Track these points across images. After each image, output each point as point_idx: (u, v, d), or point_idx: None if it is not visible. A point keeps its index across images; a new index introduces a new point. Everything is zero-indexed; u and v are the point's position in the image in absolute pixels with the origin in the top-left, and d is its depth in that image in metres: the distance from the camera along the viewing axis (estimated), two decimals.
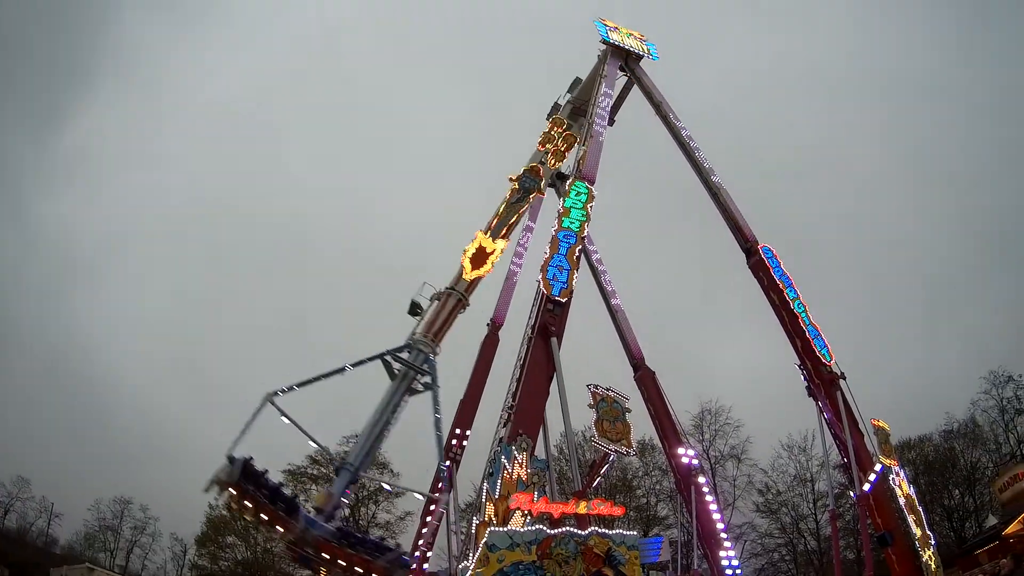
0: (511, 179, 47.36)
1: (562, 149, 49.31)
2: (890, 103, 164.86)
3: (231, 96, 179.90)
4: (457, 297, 45.15)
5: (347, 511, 42.90)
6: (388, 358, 43.30)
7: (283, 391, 39.84)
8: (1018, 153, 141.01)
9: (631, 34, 51.29)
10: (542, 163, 48.58)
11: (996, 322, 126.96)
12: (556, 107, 55.22)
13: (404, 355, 43.35)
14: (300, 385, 40.60)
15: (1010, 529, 48.18)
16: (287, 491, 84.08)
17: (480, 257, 44.91)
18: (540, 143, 48.83)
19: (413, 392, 43.83)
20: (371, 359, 42.80)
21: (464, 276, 44.86)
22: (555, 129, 48.24)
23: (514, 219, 47.02)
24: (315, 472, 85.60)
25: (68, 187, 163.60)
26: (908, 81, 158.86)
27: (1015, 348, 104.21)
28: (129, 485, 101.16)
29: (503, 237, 46.13)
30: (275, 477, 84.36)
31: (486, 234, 45.65)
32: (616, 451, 37.23)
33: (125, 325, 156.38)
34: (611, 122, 50.47)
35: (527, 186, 47.27)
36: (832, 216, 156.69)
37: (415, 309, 45.22)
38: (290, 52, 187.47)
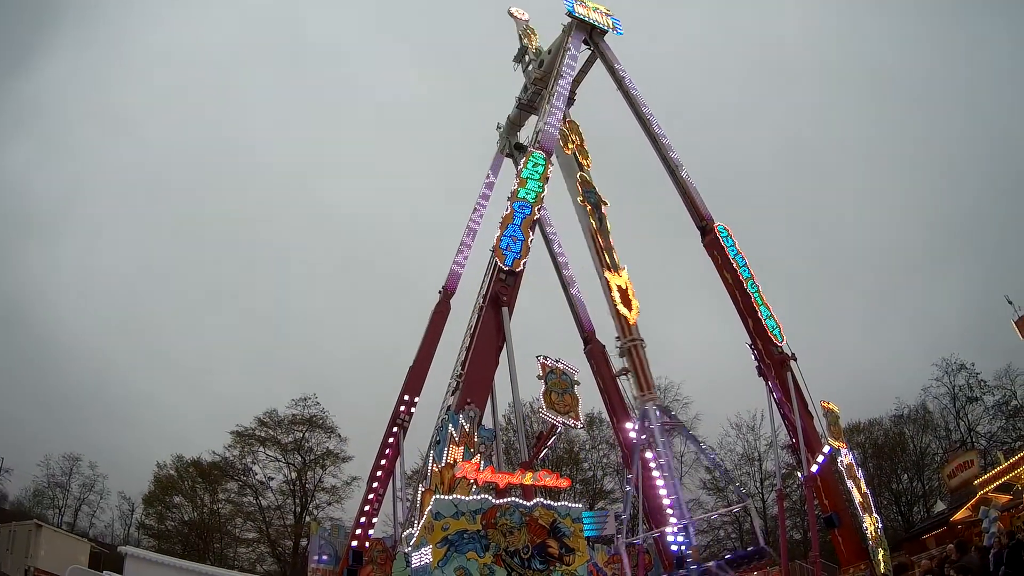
0: (580, 201, 47.10)
1: (579, 143, 49.63)
2: (847, 90, 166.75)
3: (191, 57, 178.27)
4: (640, 343, 44.32)
5: None
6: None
7: None
8: (975, 143, 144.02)
9: (597, 8, 51.12)
10: (580, 167, 48.24)
11: (948, 310, 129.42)
12: (535, 92, 54.87)
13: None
14: None
15: (958, 516, 48.99)
16: (235, 452, 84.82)
17: (625, 298, 44.23)
18: (564, 144, 48.40)
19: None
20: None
21: (630, 322, 43.87)
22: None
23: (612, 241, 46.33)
24: (263, 434, 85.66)
25: (25, 138, 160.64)
26: (867, 69, 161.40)
27: (965, 336, 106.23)
28: (79, 442, 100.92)
29: (621, 268, 45.18)
30: (223, 439, 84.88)
31: (612, 272, 44.75)
32: (564, 423, 37.21)
33: (79, 282, 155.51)
34: (572, 98, 50.48)
35: (592, 201, 46.88)
36: (784, 198, 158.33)
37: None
38: (251, 15, 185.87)
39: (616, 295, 43.65)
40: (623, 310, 43.42)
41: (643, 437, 40.61)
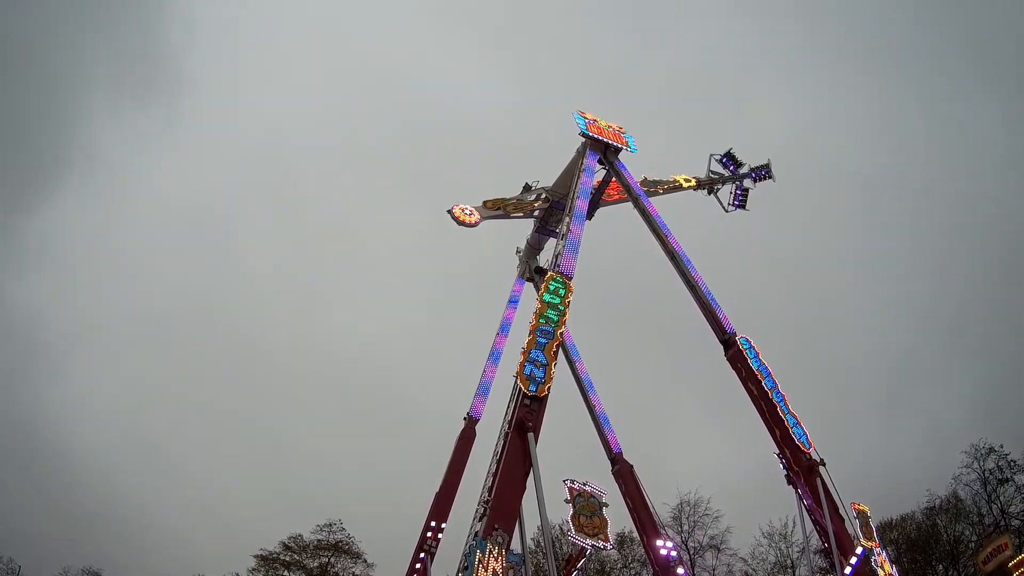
0: None
1: None
2: (842, 193, 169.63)
3: (193, 199, 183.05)
4: None
5: None
6: None
7: None
8: (967, 245, 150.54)
9: (609, 126, 51.71)
10: None
11: (955, 404, 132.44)
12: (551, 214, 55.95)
13: None
14: None
15: None
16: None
17: None
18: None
19: None
20: None
21: None
22: None
23: None
24: (288, 559, 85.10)
25: (36, 274, 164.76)
26: (859, 173, 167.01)
27: (972, 426, 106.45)
28: (91, 560, 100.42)
29: None
30: (247, 563, 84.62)
31: None
32: (593, 545, 37.10)
33: (89, 411, 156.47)
34: (591, 214, 50.87)
35: None
36: (792, 310, 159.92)
37: None
38: (248, 160, 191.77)
39: None
40: None
41: (674, 555, 40.63)
